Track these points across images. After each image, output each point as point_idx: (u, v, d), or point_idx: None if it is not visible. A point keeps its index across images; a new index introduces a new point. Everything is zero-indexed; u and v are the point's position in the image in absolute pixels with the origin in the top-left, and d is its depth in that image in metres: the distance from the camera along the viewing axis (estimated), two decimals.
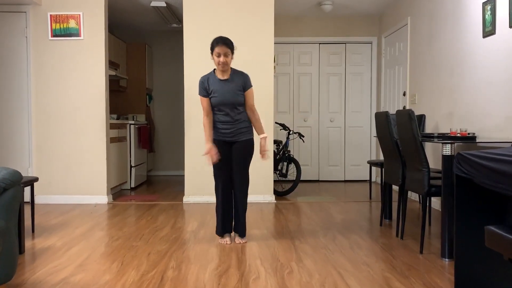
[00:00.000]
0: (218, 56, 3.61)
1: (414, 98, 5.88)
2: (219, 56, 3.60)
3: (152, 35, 8.63)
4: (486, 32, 4.17)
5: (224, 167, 3.77)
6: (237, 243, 3.78)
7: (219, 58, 3.60)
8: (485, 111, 4.21)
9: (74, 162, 5.67)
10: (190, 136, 5.73)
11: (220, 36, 3.70)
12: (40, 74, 5.65)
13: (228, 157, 3.77)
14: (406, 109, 3.54)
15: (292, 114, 7.73)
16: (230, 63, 3.68)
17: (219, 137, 3.76)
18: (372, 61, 7.65)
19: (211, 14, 5.71)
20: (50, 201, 5.66)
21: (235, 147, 3.75)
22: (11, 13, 5.63)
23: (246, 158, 3.76)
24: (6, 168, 2.63)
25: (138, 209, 5.28)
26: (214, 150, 3.70)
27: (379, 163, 5.24)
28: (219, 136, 3.76)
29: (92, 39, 5.64)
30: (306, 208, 5.36)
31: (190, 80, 5.72)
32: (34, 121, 5.66)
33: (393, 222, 4.55)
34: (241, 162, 3.74)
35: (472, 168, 2.37)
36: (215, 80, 3.69)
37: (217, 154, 3.70)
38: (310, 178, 7.73)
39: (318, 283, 2.82)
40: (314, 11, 7.26)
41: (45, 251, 3.56)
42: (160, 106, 8.74)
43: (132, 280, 2.88)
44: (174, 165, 8.70)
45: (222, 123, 3.72)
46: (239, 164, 3.74)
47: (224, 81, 3.68)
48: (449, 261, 3.29)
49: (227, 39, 3.66)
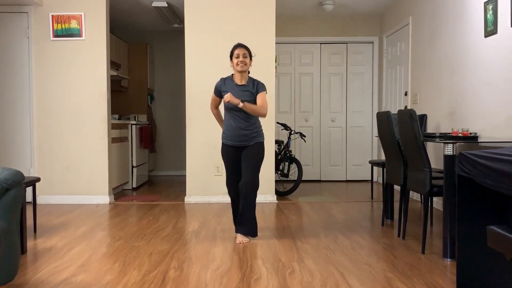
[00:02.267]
0: (237, 57, 3.76)
1: (416, 98, 5.87)
2: (238, 57, 3.75)
3: (154, 35, 8.64)
4: (487, 32, 4.16)
5: (233, 169, 3.87)
6: (237, 242, 3.77)
7: (237, 59, 3.75)
8: (487, 111, 4.20)
9: (75, 162, 5.68)
10: (192, 136, 5.73)
11: (238, 42, 3.91)
12: (41, 74, 5.66)
13: (237, 161, 3.85)
14: (408, 109, 3.54)
15: (293, 114, 7.73)
16: (249, 66, 3.80)
17: (229, 141, 3.83)
18: (374, 61, 7.65)
19: (213, 14, 5.71)
20: (52, 201, 5.67)
21: (245, 151, 3.81)
22: (12, 14, 5.64)
23: (256, 161, 3.79)
24: (8, 169, 2.63)
25: (139, 209, 5.28)
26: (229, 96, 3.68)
27: (381, 163, 5.24)
28: (229, 141, 3.83)
29: (93, 39, 5.65)
30: (307, 208, 5.35)
31: (192, 80, 5.72)
32: (36, 122, 5.67)
33: (394, 222, 4.55)
34: (251, 165, 3.76)
35: (474, 168, 2.36)
36: (232, 84, 3.82)
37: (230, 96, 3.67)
38: (312, 178, 7.73)
39: (320, 283, 2.82)
40: (315, 11, 7.26)
41: (47, 251, 3.57)
42: (161, 106, 8.74)
43: (134, 280, 2.89)
44: (175, 165, 8.70)
45: (234, 128, 3.78)
46: (247, 165, 3.77)
47: (240, 86, 3.80)
48: (451, 261, 3.29)
49: (245, 44, 3.87)
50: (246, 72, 3.82)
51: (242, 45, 3.80)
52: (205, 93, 5.68)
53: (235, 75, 3.83)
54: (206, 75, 5.71)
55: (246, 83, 3.81)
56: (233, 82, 3.82)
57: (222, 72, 5.64)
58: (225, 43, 5.72)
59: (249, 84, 3.81)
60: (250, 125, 3.79)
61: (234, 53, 3.79)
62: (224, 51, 5.72)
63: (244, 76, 3.81)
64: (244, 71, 3.78)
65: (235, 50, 3.78)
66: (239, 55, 3.75)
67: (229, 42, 5.71)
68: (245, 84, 3.80)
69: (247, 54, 3.77)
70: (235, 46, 3.81)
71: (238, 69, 3.76)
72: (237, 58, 3.75)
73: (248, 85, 3.80)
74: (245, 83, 3.81)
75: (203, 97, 5.69)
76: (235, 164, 3.86)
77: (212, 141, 5.71)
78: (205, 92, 5.69)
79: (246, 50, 3.78)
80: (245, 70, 3.78)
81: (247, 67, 3.78)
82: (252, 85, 3.81)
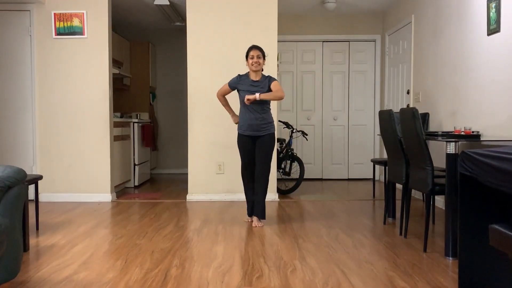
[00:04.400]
0: (252, 58, 4.27)
1: (418, 96, 5.86)
2: (253, 58, 4.27)
3: (156, 34, 8.64)
4: (490, 30, 4.15)
5: (248, 157, 4.38)
6: (253, 226, 4.28)
7: (252, 60, 4.27)
8: (489, 109, 4.19)
9: (78, 160, 5.69)
10: (194, 134, 5.73)
11: (253, 44, 4.44)
12: (44, 72, 5.67)
13: (251, 150, 4.37)
14: (410, 107, 3.53)
15: (295, 112, 7.72)
16: (262, 65, 4.32)
17: (246, 132, 4.34)
18: (376, 59, 7.63)
19: (215, 12, 5.70)
20: (54, 199, 5.68)
21: (258, 141, 4.33)
22: (15, 12, 5.65)
23: (268, 150, 4.34)
24: (11, 166, 2.63)
25: (141, 207, 5.29)
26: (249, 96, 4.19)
27: (383, 162, 5.23)
28: (245, 131, 4.34)
29: (95, 37, 5.65)
30: (309, 206, 5.35)
31: (194, 78, 5.72)
32: (38, 120, 5.68)
33: (396, 221, 4.54)
34: (264, 154, 4.32)
35: (476, 167, 2.36)
36: (248, 80, 4.33)
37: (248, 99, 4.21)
38: (314, 177, 7.73)
39: (321, 282, 2.82)
40: (318, 9, 7.25)
41: (49, 249, 3.58)
42: (163, 105, 8.75)
43: (136, 278, 2.89)
44: (177, 163, 8.71)
45: (250, 119, 4.29)
46: (260, 156, 4.32)
47: (255, 82, 4.32)
48: (453, 259, 3.29)
49: (259, 46, 4.38)
50: (260, 70, 4.33)
51: (256, 47, 4.32)
52: (207, 91, 5.68)
53: (251, 73, 4.34)
54: (208, 73, 5.71)
55: (259, 79, 4.33)
56: (249, 79, 4.33)
57: (224, 69, 5.65)
58: (227, 41, 5.72)
59: (263, 79, 4.34)
60: (263, 118, 4.31)
61: (249, 54, 4.30)
62: (227, 48, 5.72)
63: (258, 74, 4.34)
64: (258, 70, 4.31)
65: (250, 52, 4.30)
66: (254, 56, 4.27)
67: (231, 40, 5.73)
68: (259, 80, 4.33)
69: (260, 55, 4.29)
70: (250, 48, 4.33)
71: (253, 69, 4.29)
72: (251, 59, 4.27)
73: (261, 81, 4.33)
74: (259, 79, 4.33)
75: (205, 95, 5.69)
76: (250, 152, 4.37)
77: (214, 139, 5.71)
78: (207, 90, 5.69)
79: (260, 51, 4.30)
80: (259, 70, 4.31)
81: (261, 67, 4.31)
82: (265, 80, 4.34)
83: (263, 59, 4.31)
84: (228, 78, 5.84)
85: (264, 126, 4.32)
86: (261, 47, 4.35)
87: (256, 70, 4.29)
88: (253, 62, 4.26)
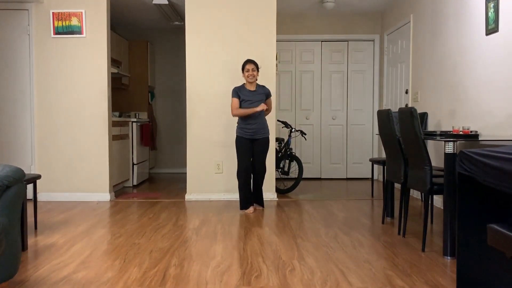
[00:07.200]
0: (247, 71, 4.84)
1: (417, 96, 5.87)
2: (248, 71, 4.83)
3: (154, 33, 8.63)
4: (489, 30, 4.16)
5: (247, 157, 4.90)
6: (257, 209, 5.04)
7: (248, 72, 4.83)
8: (488, 109, 4.20)
9: (76, 159, 5.68)
10: (192, 133, 5.73)
11: (248, 59, 5.07)
12: (42, 71, 5.66)
13: (250, 150, 4.91)
14: (409, 107, 3.53)
15: (294, 112, 7.73)
16: (257, 76, 4.89)
17: (244, 134, 4.89)
18: (375, 59, 7.64)
19: (213, 11, 5.70)
20: (53, 199, 5.68)
21: (256, 143, 4.92)
22: (13, 11, 5.64)
23: (266, 150, 4.99)
24: (9, 166, 2.63)
25: (140, 207, 5.29)
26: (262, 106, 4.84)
27: (381, 161, 5.24)
28: (244, 134, 4.89)
29: (94, 36, 5.65)
30: (308, 206, 5.36)
31: (192, 77, 5.72)
32: (37, 119, 5.67)
33: (395, 220, 4.55)
34: (262, 154, 4.96)
35: (474, 166, 2.36)
36: (246, 90, 4.89)
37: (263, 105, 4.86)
38: (312, 176, 7.73)
39: (320, 281, 2.82)
40: (316, 9, 7.25)
41: (48, 248, 3.57)
42: (162, 104, 8.74)
43: (135, 278, 2.89)
44: (176, 163, 8.71)
45: (249, 123, 4.87)
46: (259, 156, 4.94)
47: (252, 91, 4.90)
48: (451, 259, 3.29)
49: (253, 60, 4.92)
50: (255, 81, 4.89)
51: (251, 61, 4.86)
52: (206, 90, 5.69)
53: (247, 84, 4.91)
54: (207, 72, 5.71)
55: (255, 88, 4.92)
56: (246, 89, 4.89)
57: (223, 69, 5.65)
58: (226, 40, 5.71)
59: (258, 89, 4.94)
60: (261, 122, 4.92)
61: (245, 68, 4.85)
62: (225, 48, 5.72)
63: (254, 84, 4.92)
64: (253, 82, 4.87)
65: (246, 65, 4.84)
66: (249, 69, 4.83)
67: (230, 40, 5.73)
68: (255, 89, 4.91)
69: (255, 68, 4.85)
70: (246, 62, 4.86)
71: (249, 80, 4.85)
72: (247, 72, 4.83)
73: (257, 90, 4.93)
74: (255, 89, 4.91)
75: (204, 94, 5.69)
76: (248, 152, 4.90)
77: (213, 139, 5.71)
78: (205, 89, 5.69)
79: (255, 65, 4.86)
80: (254, 81, 4.87)
81: (255, 78, 4.88)
82: (261, 90, 4.94)
83: (257, 71, 4.87)
84: (227, 78, 5.85)
85: (261, 130, 4.92)
86: (255, 61, 4.88)
87: (252, 82, 4.85)
88: (249, 75, 4.82)
